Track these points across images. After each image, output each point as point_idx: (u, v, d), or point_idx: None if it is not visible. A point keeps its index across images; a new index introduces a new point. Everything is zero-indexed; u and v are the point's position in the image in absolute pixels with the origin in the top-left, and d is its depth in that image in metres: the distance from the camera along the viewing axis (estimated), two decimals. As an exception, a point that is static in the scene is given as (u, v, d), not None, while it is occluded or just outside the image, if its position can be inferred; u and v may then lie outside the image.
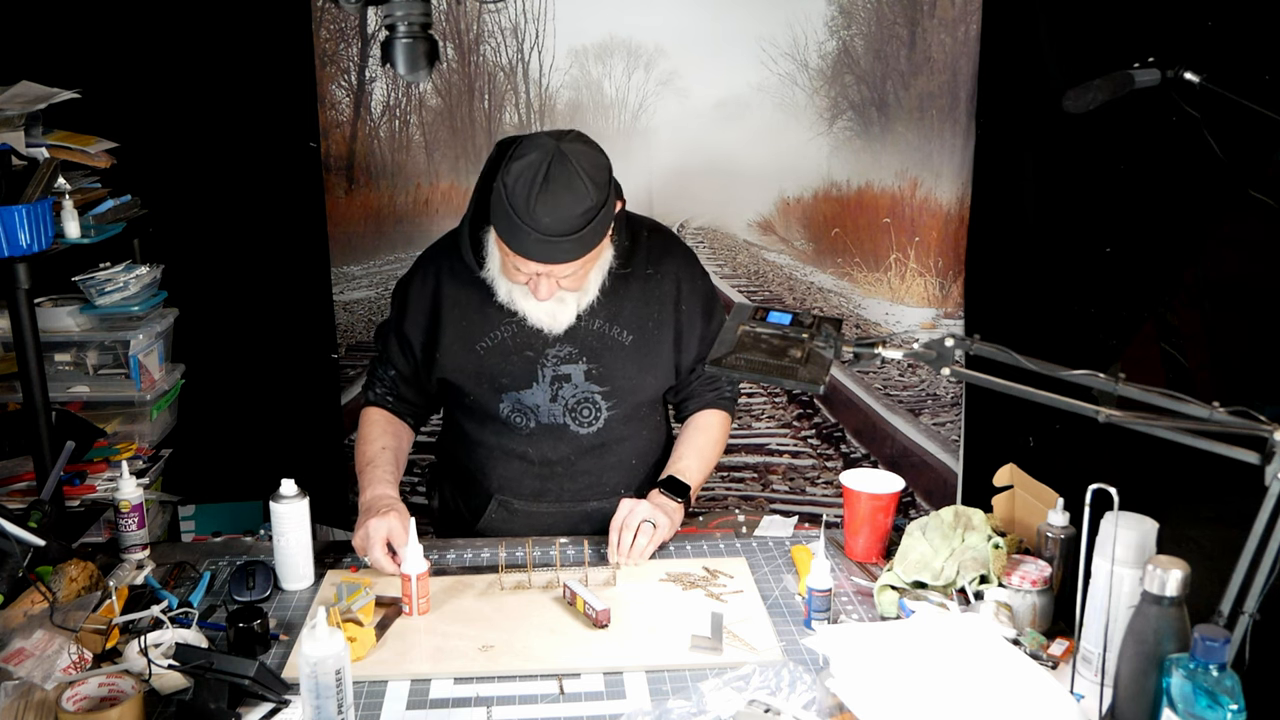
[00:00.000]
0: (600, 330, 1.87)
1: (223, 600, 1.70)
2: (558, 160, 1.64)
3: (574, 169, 1.63)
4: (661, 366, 1.93)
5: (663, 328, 1.91)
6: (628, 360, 1.89)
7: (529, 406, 1.89)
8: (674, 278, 1.92)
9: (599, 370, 1.88)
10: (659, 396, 2.01)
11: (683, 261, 1.95)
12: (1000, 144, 2.93)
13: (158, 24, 2.72)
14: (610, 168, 1.71)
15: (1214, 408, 1.19)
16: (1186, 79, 1.89)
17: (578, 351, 1.88)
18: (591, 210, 1.65)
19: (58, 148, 2.24)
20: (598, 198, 1.65)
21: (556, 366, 1.88)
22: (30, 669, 1.39)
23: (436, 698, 1.44)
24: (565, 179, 1.63)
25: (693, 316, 1.93)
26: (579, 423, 1.91)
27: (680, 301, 1.92)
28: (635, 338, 1.89)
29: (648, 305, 1.90)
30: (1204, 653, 1.13)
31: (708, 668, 1.49)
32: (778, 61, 2.92)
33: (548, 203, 1.62)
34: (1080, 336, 3.00)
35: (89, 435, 2.33)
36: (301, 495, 1.72)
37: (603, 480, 1.97)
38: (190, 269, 2.75)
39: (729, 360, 1.39)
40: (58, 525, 1.87)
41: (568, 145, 1.66)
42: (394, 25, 1.53)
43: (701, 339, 1.94)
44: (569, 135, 1.70)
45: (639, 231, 1.92)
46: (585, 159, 1.66)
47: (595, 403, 1.90)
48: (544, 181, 1.62)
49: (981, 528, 1.64)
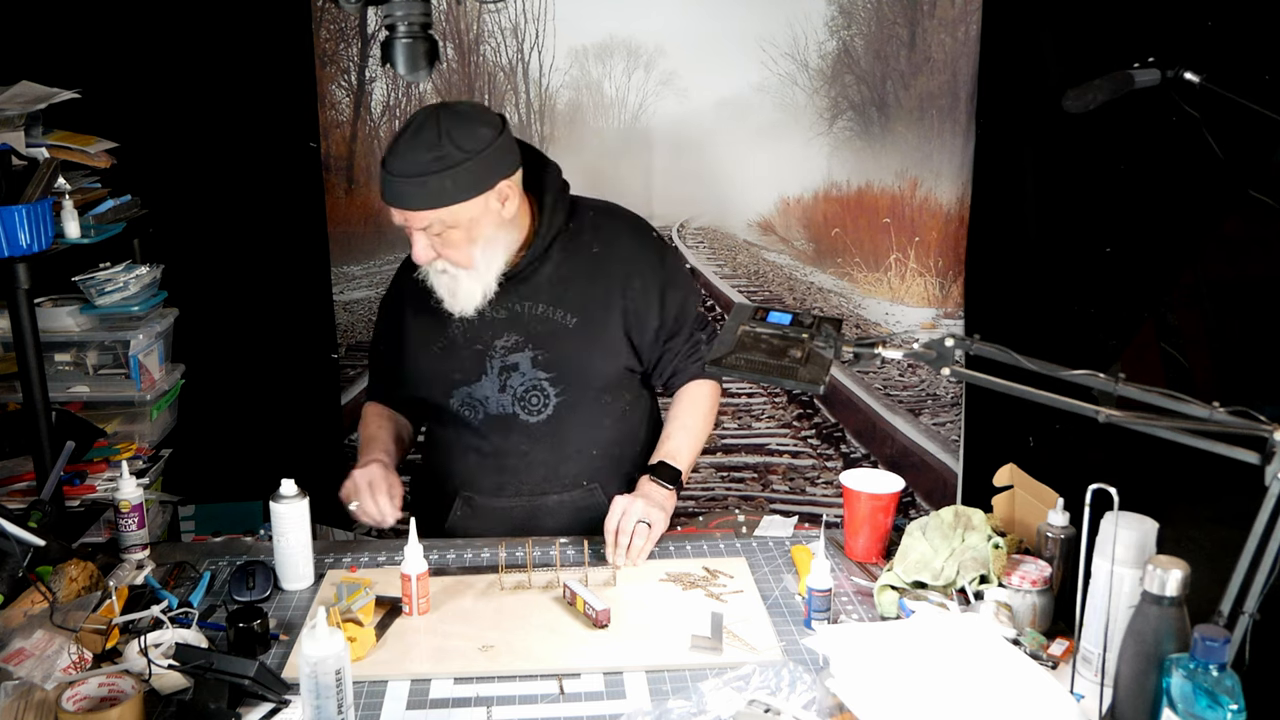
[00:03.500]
0: (544, 315, 1.87)
1: (223, 600, 1.70)
2: (427, 115, 1.71)
3: (438, 124, 1.69)
4: (610, 348, 1.90)
5: (610, 308, 1.89)
6: (573, 344, 1.88)
7: (478, 399, 1.90)
8: (623, 255, 1.91)
9: (545, 356, 1.88)
10: (619, 382, 1.96)
11: (633, 238, 1.94)
12: (1000, 144, 2.93)
13: (158, 24, 2.72)
14: (488, 139, 1.72)
15: (1214, 408, 1.19)
16: (1186, 79, 1.89)
17: (523, 339, 1.87)
18: (441, 161, 1.67)
19: (58, 148, 2.24)
20: (452, 154, 1.68)
21: (504, 357, 1.88)
22: (30, 669, 1.39)
23: (436, 698, 1.44)
24: (426, 130, 1.69)
25: (647, 292, 1.91)
26: (528, 411, 1.90)
27: (631, 278, 1.90)
28: (580, 319, 1.88)
29: (593, 285, 1.88)
30: (1204, 653, 1.13)
31: (708, 668, 1.49)
32: (778, 61, 2.92)
33: (402, 147, 1.70)
34: (1080, 336, 3.00)
35: (89, 435, 2.33)
36: (301, 495, 1.72)
37: (559, 472, 1.94)
38: (190, 269, 2.75)
39: (729, 360, 1.39)
40: (58, 525, 1.88)
41: (448, 105, 1.76)
42: (394, 25, 1.53)
43: (662, 314, 1.93)
44: (461, 101, 1.80)
45: (583, 213, 1.92)
46: (457, 121, 1.71)
47: (543, 390, 1.89)
48: (406, 130, 1.71)
49: (981, 528, 1.64)
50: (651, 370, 2.00)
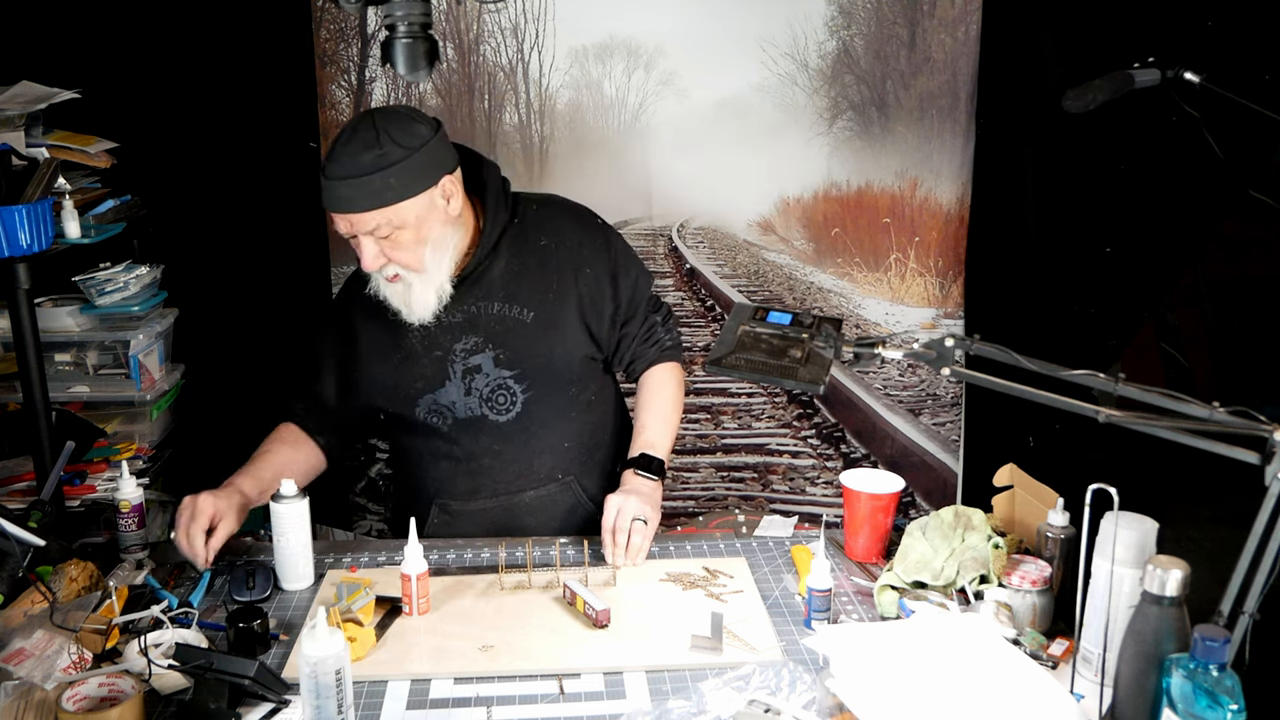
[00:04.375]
0: (500, 313, 1.87)
1: (223, 600, 1.70)
2: (361, 119, 1.71)
3: (373, 124, 1.69)
4: (569, 338, 1.90)
5: (564, 297, 1.88)
6: (532, 338, 1.87)
7: (444, 405, 1.89)
8: (571, 244, 1.90)
9: (506, 355, 1.87)
10: (583, 372, 1.95)
11: (577, 225, 1.94)
12: (1000, 144, 2.92)
13: (158, 24, 2.72)
14: (425, 137, 1.71)
15: (1214, 408, 1.19)
16: (1186, 79, 1.89)
17: (483, 340, 1.86)
18: (382, 158, 1.66)
19: (58, 148, 2.24)
20: (392, 151, 1.67)
21: (466, 359, 1.87)
22: (30, 669, 1.39)
23: (436, 698, 1.44)
24: (363, 132, 1.69)
25: (599, 278, 1.91)
26: (496, 411, 1.89)
27: (582, 266, 1.90)
28: (536, 313, 1.87)
29: (545, 277, 1.88)
30: (1204, 653, 1.13)
31: (708, 668, 1.49)
32: (778, 61, 2.92)
33: (339, 151, 1.69)
34: (1080, 336, 3.00)
35: (89, 435, 2.33)
36: (301, 495, 1.72)
37: (533, 468, 1.94)
38: (190, 269, 2.74)
39: (729, 360, 1.39)
40: (58, 525, 1.88)
41: (382, 109, 1.75)
42: (394, 25, 1.53)
43: (615, 297, 1.92)
44: (393, 106, 1.75)
45: (526, 206, 1.91)
46: (393, 120, 1.71)
47: (509, 388, 1.88)
48: (341, 135, 1.70)
49: (981, 528, 1.64)
50: (610, 357, 2.00)
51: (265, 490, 1.82)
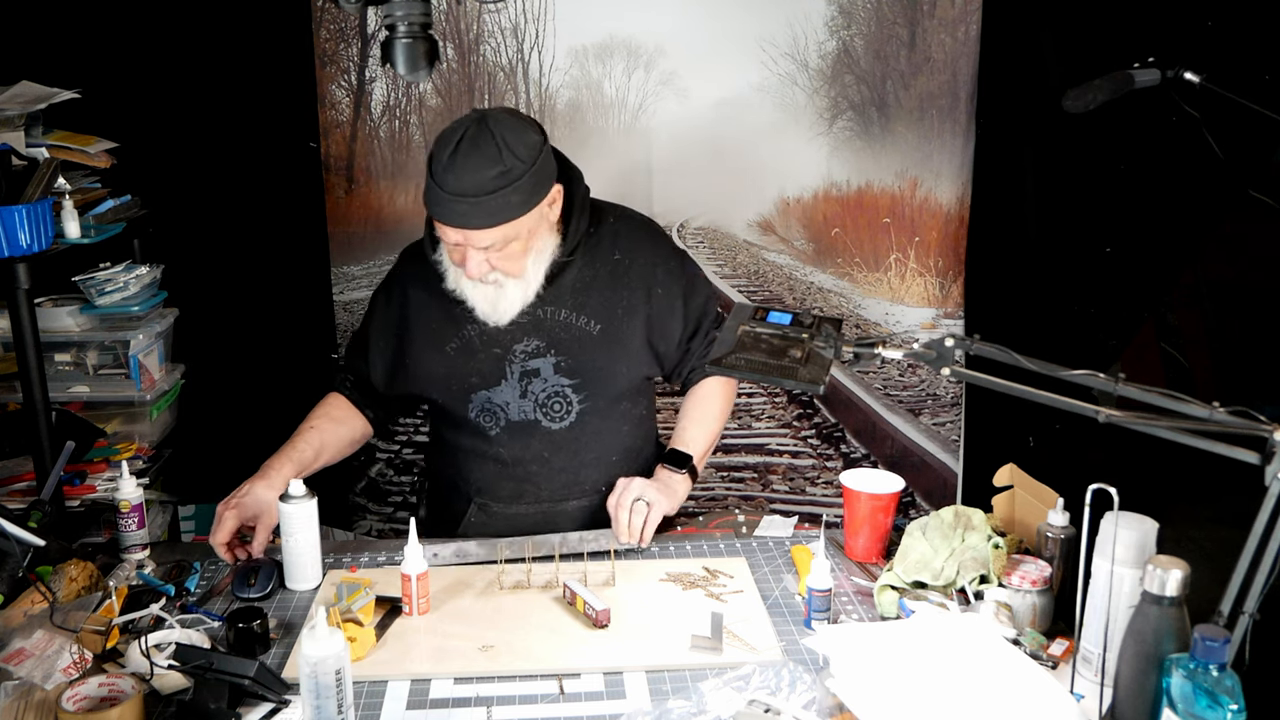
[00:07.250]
0: (567, 321, 1.85)
1: (224, 597, 1.70)
2: (476, 126, 1.65)
3: (491, 134, 1.64)
4: (633, 355, 1.89)
5: (633, 315, 1.87)
6: (597, 350, 1.86)
7: (498, 405, 1.87)
8: (645, 262, 1.89)
9: (568, 363, 1.85)
10: (638, 388, 1.96)
11: (652, 245, 1.92)
12: (1000, 144, 2.93)
13: (158, 24, 2.72)
14: (540, 145, 1.69)
15: (1214, 408, 1.19)
16: (1186, 79, 1.89)
17: (545, 345, 1.85)
18: (506, 175, 1.63)
19: (58, 148, 2.24)
20: (515, 166, 1.64)
21: (525, 362, 1.85)
22: (30, 669, 1.39)
23: (436, 698, 1.44)
24: (481, 142, 1.64)
25: (670, 299, 1.90)
26: (550, 418, 1.88)
27: (654, 286, 1.89)
28: (604, 326, 1.86)
29: (616, 292, 1.87)
30: (1204, 653, 1.13)
31: (708, 668, 1.49)
32: (778, 61, 2.92)
33: (460, 164, 1.63)
34: (1080, 336, 3.00)
35: (89, 435, 2.33)
36: (310, 495, 1.71)
37: (580, 478, 1.94)
38: (190, 269, 2.74)
39: (729, 360, 1.39)
40: (58, 525, 1.88)
41: (492, 114, 1.68)
42: (394, 25, 1.53)
43: (685, 320, 1.92)
44: (497, 109, 1.71)
45: (604, 218, 1.89)
46: (507, 128, 1.66)
47: (566, 396, 1.87)
48: (459, 143, 1.64)
49: (981, 528, 1.64)
50: (670, 371, 1.99)
51: (305, 470, 1.83)
